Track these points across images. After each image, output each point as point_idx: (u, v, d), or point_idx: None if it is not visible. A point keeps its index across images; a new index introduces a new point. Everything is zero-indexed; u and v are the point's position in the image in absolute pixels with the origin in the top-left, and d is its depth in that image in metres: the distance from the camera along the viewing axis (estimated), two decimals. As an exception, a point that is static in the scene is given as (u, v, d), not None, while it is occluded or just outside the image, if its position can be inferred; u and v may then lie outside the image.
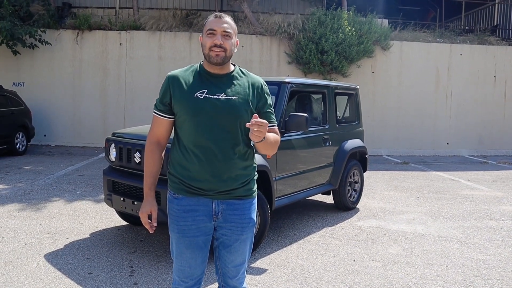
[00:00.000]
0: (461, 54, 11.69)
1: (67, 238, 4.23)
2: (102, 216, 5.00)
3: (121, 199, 3.91)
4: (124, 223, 4.71)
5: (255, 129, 1.71)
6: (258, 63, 11.13)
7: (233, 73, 1.98)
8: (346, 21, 10.70)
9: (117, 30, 11.00)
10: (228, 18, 1.93)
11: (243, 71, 2.04)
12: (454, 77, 11.72)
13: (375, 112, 11.29)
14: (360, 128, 5.88)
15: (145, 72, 11.04)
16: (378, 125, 11.23)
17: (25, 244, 4.02)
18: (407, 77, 11.58)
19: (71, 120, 11.06)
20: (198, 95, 1.90)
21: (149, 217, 2.05)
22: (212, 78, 1.95)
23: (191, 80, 1.95)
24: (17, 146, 9.18)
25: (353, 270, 3.60)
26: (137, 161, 3.84)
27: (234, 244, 2.00)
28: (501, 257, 3.98)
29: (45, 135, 10.88)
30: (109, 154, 4.20)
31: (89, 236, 4.33)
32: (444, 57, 11.64)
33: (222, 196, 1.94)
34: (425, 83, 11.62)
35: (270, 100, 2.04)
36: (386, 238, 4.47)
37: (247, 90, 1.96)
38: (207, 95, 1.90)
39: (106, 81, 11.07)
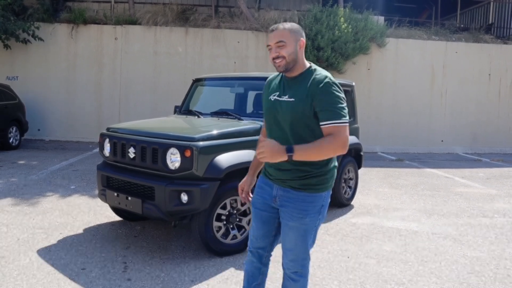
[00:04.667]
0: (456, 52, 11.71)
1: (60, 234, 4.19)
2: (96, 211, 4.96)
3: (115, 194, 3.88)
4: (118, 218, 4.68)
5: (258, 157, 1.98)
6: (254, 59, 11.09)
7: (302, 75, 2.11)
8: (342, 18, 10.68)
9: (112, 25, 10.91)
10: (280, 27, 2.08)
11: (313, 70, 2.11)
12: (449, 75, 11.75)
13: (370, 109, 11.31)
14: (356, 125, 5.88)
15: (140, 67, 10.97)
16: (373, 122, 11.25)
17: (18, 239, 3.98)
18: (402, 75, 11.58)
19: (66, 115, 10.97)
20: (271, 97, 2.18)
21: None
22: (285, 82, 2.17)
23: (273, 84, 2.24)
24: (10, 141, 9.10)
25: (347, 267, 3.60)
26: (131, 156, 3.80)
27: (284, 227, 2.19)
28: (494, 254, 4.00)
29: (39, 130, 10.78)
30: (103, 149, 4.17)
31: (82, 231, 4.29)
32: (439, 54, 11.66)
33: (279, 183, 2.18)
34: (420, 80, 11.64)
35: (332, 97, 1.99)
36: (380, 235, 4.48)
37: (306, 91, 2.04)
38: (277, 98, 2.15)
39: (101, 76, 10.98)
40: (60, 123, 10.93)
